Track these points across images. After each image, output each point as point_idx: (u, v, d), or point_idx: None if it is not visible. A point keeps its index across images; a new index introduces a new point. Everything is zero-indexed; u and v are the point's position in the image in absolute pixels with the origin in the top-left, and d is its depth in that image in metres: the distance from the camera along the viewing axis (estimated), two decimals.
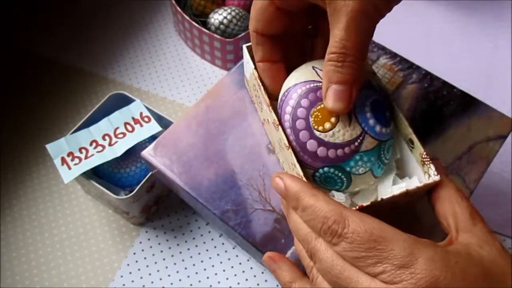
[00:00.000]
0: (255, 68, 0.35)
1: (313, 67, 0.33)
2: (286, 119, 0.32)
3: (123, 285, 0.50)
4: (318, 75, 0.32)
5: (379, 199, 0.29)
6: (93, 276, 0.51)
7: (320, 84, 0.31)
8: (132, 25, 0.73)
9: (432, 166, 0.30)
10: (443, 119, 0.40)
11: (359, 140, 0.30)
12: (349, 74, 0.29)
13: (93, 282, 0.51)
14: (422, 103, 0.41)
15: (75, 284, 0.51)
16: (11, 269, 0.51)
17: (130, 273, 0.51)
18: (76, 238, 0.53)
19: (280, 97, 0.33)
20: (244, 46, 0.36)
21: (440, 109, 0.41)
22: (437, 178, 0.29)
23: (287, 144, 0.31)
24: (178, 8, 0.64)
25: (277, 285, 0.50)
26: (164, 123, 0.52)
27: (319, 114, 0.31)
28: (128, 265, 0.52)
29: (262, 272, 0.51)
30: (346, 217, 0.26)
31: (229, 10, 0.63)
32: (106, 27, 0.72)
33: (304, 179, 0.30)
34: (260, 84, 0.34)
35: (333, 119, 0.30)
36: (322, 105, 0.31)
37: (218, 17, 0.63)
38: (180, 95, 0.65)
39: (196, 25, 0.62)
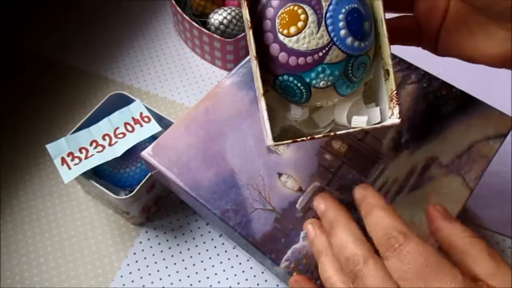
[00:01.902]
0: None
1: None
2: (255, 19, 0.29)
3: (123, 285, 0.50)
4: None
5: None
6: (93, 276, 0.51)
7: None
8: (132, 25, 0.73)
9: (397, 107, 0.29)
10: (442, 119, 0.40)
11: (324, 51, 0.28)
12: None
13: (93, 282, 0.51)
14: (421, 103, 0.41)
15: (75, 284, 0.51)
16: (11, 269, 0.51)
17: (130, 273, 0.51)
18: (76, 238, 0.53)
19: None
20: None
21: (439, 109, 0.41)
22: (397, 121, 0.29)
23: (255, 54, 0.28)
24: (178, 8, 0.64)
25: (277, 285, 0.50)
26: (164, 123, 0.52)
27: (286, 16, 0.28)
28: (128, 265, 0.52)
29: (262, 272, 0.51)
30: (408, 234, 0.27)
31: (229, 10, 0.63)
32: (106, 27, 0.72)
33: (261, 90, 0.28)
34: None
35: (300, 24, 0.28)
36: (291, 7, 0.28)
37: (218, 17, 0.63)
38: (180, 95, 0.65)
39: (196, 25, 0.62)
